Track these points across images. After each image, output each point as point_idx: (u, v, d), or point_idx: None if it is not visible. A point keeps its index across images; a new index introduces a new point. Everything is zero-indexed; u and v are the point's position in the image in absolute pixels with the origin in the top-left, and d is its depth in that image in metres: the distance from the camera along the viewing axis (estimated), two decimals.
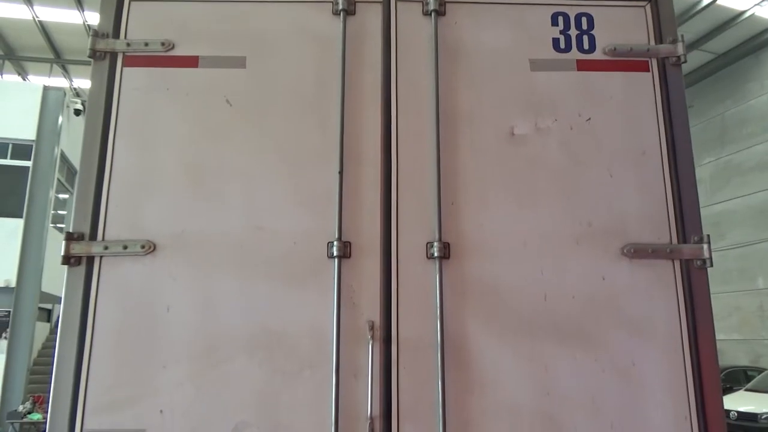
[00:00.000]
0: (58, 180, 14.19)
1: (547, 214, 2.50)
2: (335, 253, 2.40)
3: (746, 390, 13.36)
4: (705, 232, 2.51)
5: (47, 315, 15.74)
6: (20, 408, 11.42)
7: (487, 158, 2.56)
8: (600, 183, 2.55)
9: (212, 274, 2.41)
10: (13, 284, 12.36)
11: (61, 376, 2.32)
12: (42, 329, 14.96)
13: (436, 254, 2.40)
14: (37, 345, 14.36)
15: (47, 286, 12.67)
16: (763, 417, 11.59)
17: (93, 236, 2.45)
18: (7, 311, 12.29)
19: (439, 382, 2.26)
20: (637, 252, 2.46)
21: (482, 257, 2.45)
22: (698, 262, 2.46)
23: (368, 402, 2.26)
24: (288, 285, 2.40)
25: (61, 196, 14.74)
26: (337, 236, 2.42)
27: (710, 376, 2.37)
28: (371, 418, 2.25)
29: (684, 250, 2.47)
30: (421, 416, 2.27)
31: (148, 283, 2.41)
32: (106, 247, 2.42)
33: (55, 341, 2.40)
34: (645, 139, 2.62)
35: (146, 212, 2.48)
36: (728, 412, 11.42)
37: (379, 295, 2.40)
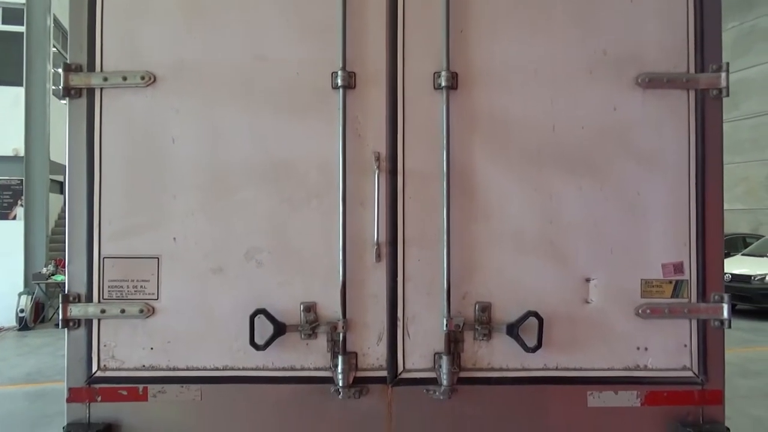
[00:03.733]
0: (55, 48, 13.71)
1: (560, 42, 2.39)
2: (339, 84, 2.33)
3: (743, 255, 13.75)
4: None
5: (59, 187, 16.01)
6: (44, 270, 11.98)
7: None
8: (618, 9, 2.41)
9: (215, 106, 2.37)
10: (22, 153, 12.45)
11: (75, 207, 2.37)
12: (56, 200, 15.28)
13: (443, 84, 2.33)
14: (53, 216, 14.75)
15: (57, 156, 12.75)
16: (755, 279, 12.02)
17: (91, 67, 2.38)
18: (19, 179, 12.50)
19: (444, 210, 2.30)
20: (651, 82, 2.38)
21: (491, 87, 2.38)
22: (714, 92, 2.39)
23: (374, 228, 2.32)
24: (292, 116, 2.36)
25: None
26: (341, 66, 2.34)
27: (713, 206, 2.39)
28: (377, 243, 2.32)
29: (701, 79, 2.39)
30: (426, 242, 2.34)
31: (151, 116, 2.38)
32: (105, 78, 2.37)
33: (65, 173, 2.42)
34: None
35: (143, 41, 2.39)
36: None
37: (384, 127, 2.37)
